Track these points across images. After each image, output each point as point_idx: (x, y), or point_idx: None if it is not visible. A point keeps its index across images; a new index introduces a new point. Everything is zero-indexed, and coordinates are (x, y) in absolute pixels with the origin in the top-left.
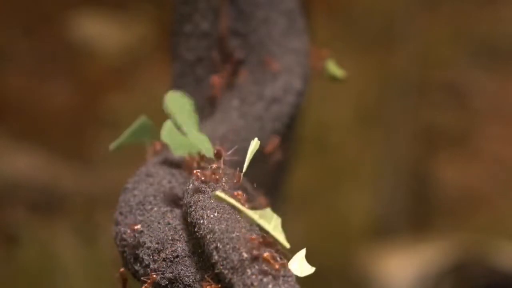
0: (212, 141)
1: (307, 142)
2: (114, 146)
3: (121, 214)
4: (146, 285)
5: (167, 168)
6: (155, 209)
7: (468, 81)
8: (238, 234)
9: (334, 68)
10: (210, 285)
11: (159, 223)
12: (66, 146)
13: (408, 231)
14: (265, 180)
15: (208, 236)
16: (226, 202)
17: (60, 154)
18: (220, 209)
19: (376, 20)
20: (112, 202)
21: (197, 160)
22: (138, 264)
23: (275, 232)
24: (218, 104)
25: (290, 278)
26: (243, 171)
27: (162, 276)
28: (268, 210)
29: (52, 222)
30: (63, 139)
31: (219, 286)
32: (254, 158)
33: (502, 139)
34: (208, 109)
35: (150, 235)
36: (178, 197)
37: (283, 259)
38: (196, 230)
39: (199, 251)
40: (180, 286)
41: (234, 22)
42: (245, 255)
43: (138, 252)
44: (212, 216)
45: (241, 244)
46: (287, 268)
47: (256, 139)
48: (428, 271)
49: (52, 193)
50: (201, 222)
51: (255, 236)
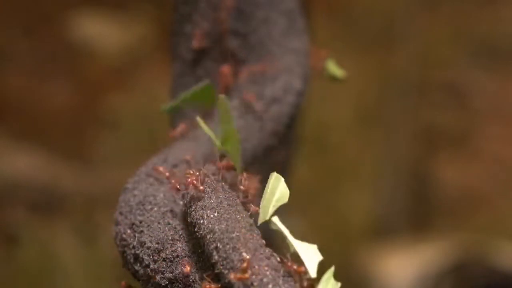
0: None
1: (307, 142)
2: (168, 107)
3: (121, 214)
4: None
5: (168, 168)
6: (155, 209)
7: (468, 81)
8: (238, 234)
9: (334, 68)
10: (210, 285)
11: (159, 223)
12: (66, 146)
13: (408, 231)
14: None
15: (208, 236)
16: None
17: (60, 154)
18: (220, 209)
19: (376, 20)
20: (112, 202)
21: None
22: (138, 264)
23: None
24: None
25: (290, 278)
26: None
27: (162, 276)
28: (314, 247)
29: (52, 222)
30: (63, 139)
31: (219, 286)
32: (254, 158)
33: (502, 139)
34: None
35: (150, 235)
36: (178, 197)
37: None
38: (196, 230)
39: (199, 251)
40: (180, 286)
41: (234, 22)
42: (245, 255)
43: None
44: (212, 216)
45: (241, 244)
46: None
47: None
48: (428, 271)
49: (52, 193)
50: (201, 222)
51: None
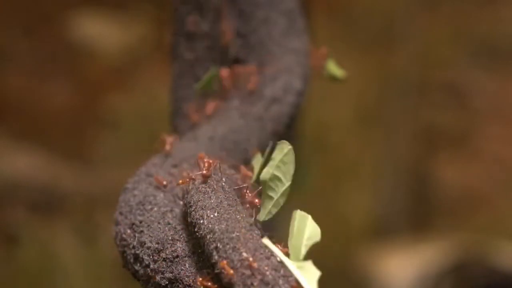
0: (212, 141)
1: (307, 142)
2: (199, 86)
3: (121, 214)
4: None
5: (168, 168)
6: (155, 209)
7: (468, 81)
8: (238, 234)
9: (334, 68)
10: (210, 285)
11: (159, 223)
12: (66, 146)
13: (408, 231)
14: None
15: (208, 236)
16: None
17: (60, 154)
18: (220, 209)
19: (376, 20)
20: (112, 202)
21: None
22: (138, 264)
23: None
24: (229, 97)
25: (290, 278)
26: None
27: (162, 276)
28: (309, 263)
29: (52, 222)
30: (63, 139)
31: (219, 286)
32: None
33: (502, 139)
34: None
35: (150, 235)
36: (178, 197)
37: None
38: (196, 230)
39: (199, 251)
40: (180, 286)
41: (234, 22)
42: (245, 255)
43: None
44: (212, 216)
45: (241, 244)
46: (287, 267)
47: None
48: (428, 271)
49: (52, 193)
50: (201, 222)
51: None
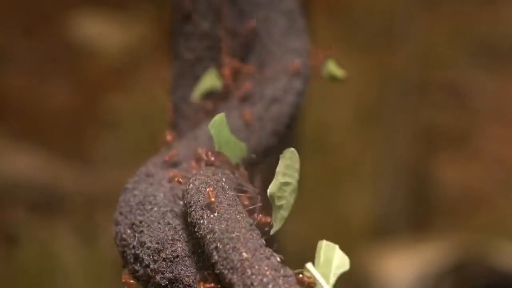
0: (212, 140)
1: (307, 142)
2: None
3: (121, 214)
4: None
5: (167, 168)
6: (155, 209)
7: (468, 81)
8: (238, 234)
9: (334, 68)
10: (210, 285)
11: (159, 223)
12: (66, 146)
13: (408, 231)
14: (266, 179)
15: (208, 236)
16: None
17: (60, 154)
18: (220, 209)
19: (376, 20)
20: (112, 202)
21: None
22: (138, 264)
23: None
24: (230, 95)
25: (290, 278)
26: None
27: (162, 276)
28: None
29: (52, 222)
30: (63, 139)
31: (219, 286)
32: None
33: (502, 139)
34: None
35: (150, 235)
36: (178, 197)
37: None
38: (196, 230)
39: (199, 251)
40: (180, 286)
41: (234, 22)
42: (245, 255)
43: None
44: (212, 216)
45: (241, 244)
46: (287, 267)
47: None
48: (428, 271)
49: (52, 193)
50: (201, 222)
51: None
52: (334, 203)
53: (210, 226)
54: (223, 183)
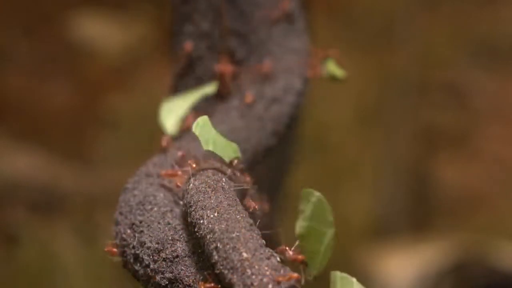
0: None
1: (307, 142)
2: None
3: (121, 214)
4: None
5: (168, 168)
6: (155, 209)
7: (468, 81)
8: (238, 234)
9: (334, 68)
10: (210, 285)
11: (159, 223)
12: (66, 146)
13: (408, 231)
14: (266, 179)
15: (208, 236)
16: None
17: (60, 154)
18: (220, 209)
19: (376, 20)
20: (112, 202)
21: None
22: (138, 264)
23: None
24: (229, 96)
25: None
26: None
27: (162, 276)
28: None
29: (52, 222)
30: (63, 139)
31: (219, 286)
32: (254, 158)
33: (502, 139)
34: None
35: (150, 235)
36: (178, 197)
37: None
38: (196, 230)
39: (199, 251)
40: (180, 286)
41: (234, 22)
42: (245, 255)
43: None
44: (212, 216)
45: (241, 244)
46: (287, 267)
47: None
48: (428, 271)
49: (52, 193)
50: (201, 222)
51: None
52: (334, 203)
53: (210, 226)
54: (223, 183)
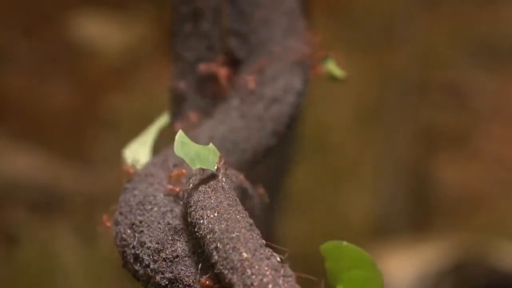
0: (212, 141)
1: (307, 142)
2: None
3: (121, 214)
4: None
5: (168, 169)
6: (155, 209)
7: (468, 81)
8: (238, 234)
9: (334, 68)
10: (210, 285)
11: (159, 223)
12: (66, 146)
13: (408, 231)
14: (266, 179)
15: (208, 236)
16: None
17: (60, 154)
18: (220, 209)
19: (376, 20)
20: (112, 202)
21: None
22: (138, 264)
23: None
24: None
25: (290, 278)
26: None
27: (162, 276)
28: None
29: (52, 222)
30: (63, 139)
31: (219, 286)
32: (254, 158)
33: (502, 139)
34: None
35: (150, 235)
36: (178, 197)
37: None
38: (196, 230)
39: (199, 251)
40: (180, 286)
41: (234, 22)
42: (245, 255)
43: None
44: (212, 216)
45: (241, 244)
46: (287, 267)
47: None
48: (428, 271)
49: (52, 193)
50: (201, 222)
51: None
52: (334, 203)
53: (210, 226)
54: (223, 183)
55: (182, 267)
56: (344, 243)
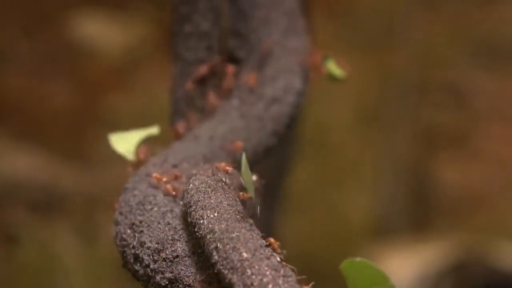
0: (212, 141)
1: (307, 142)
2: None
3: (121, 214)
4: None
5: (168, 168)
6: (155, 209)
7: (468, 81)
8: (238, 234)
9: (334, 68)
10: (210, 285)
11: (159, 223)
12: (66, 146)
13: (408, 231)
14: (266, 179)
15: (208, 236)
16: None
17: (60, 154)
18: (220, 209)
19: (376, 20)
20: (112, 202)
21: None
22: (138, 264)
23: None
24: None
25: (290, 278)
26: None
27: (162, 276)
28: None
29: (52, 222)
30: (63, 139)
31: (219, 286)
32: (254, 158)
33: (502, 139)
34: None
35: (150, 235)
36: (178, 197)
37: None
38: (196, 230)
39: (199, 251)
40: (180, 286)
41: (234, 22)
42: (245, 255)
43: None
44: (212, 216)
45: (241, 244)
46: (287, 267)
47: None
48: (428, 271)
49: (52, 193)
50: (201, 222)
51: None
52: (334, 203)
53: (210, 226)
54: (223, 183)
55: (182, 267)
56: (358, 259)
